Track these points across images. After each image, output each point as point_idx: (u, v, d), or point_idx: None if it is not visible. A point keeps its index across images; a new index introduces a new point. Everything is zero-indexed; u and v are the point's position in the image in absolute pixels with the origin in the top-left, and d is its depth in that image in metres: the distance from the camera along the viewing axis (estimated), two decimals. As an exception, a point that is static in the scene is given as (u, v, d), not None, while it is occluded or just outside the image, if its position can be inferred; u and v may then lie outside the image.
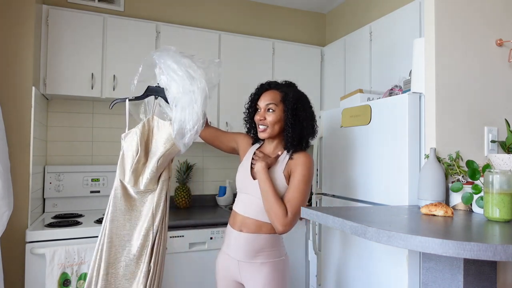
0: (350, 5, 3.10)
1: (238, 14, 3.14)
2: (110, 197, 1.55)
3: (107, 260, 1.51)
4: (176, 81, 1.49)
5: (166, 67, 1.51)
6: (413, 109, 1.59)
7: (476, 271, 1.33)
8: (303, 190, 1.47)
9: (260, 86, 1.61)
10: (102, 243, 1.52)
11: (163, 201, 1.55)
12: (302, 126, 1.52)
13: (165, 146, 1.51)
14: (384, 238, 1.02)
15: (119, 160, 1.54)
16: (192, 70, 1.50)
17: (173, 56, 1.51)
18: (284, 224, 1.43)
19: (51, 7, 2.33)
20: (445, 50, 1.57)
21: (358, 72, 2.65)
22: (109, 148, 2.75)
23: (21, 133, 2.01)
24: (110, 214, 1.53)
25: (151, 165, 1.51)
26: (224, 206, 2.89)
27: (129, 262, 1.51)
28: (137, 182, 1.53)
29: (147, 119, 1.57)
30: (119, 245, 1.53)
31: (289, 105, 1.51)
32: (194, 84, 1.48)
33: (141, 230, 1.52)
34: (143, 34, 2.54)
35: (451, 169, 1.50)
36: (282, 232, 1.45)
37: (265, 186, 1.46)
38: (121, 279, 1.51)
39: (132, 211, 1.53)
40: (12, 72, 2.00)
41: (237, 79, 2.73)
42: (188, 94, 1.48)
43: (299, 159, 1.51)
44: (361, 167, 1.86)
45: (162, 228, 1.56)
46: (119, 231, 1.53)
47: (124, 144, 1.55)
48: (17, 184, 1.96)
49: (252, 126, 1.64)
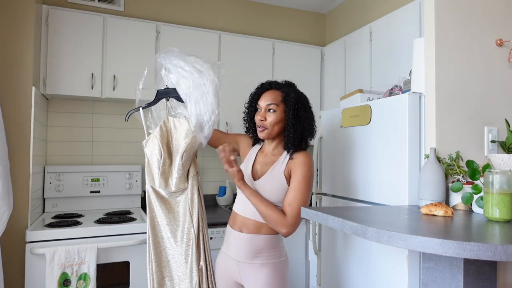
0: (350, 5, 3.10)
1: (238, 14, 3.14)
2: (146, 206, 1.56)
3: (160, 264, 1.52)
4: (186, 77, 1.49)
5: (173, 66, 1.51)
6: (413, 109, 1.59)
7: (476, 271, 1.33)
8: (304, 191, 1.47)
9: (261, 86, 1.61)
10: (150, 252, 1.52)
11: (197, 197, 1.55)
12: (303, 127, 1.52)
13: (185, 141, 1.52)
14: (384, 238, 1.02)
15: (146, 167, 1.55)
16: (199, 65, 1.51)
17: (178, 55, 1.51)
18: (286, 226, 1.42)
19: (51, 7, 2.33)
20: (445, 50, 1.57)
21: (358, 72, 2.65)
22: (109, 148, 2.75)
23: (21, 133, 2.01)
24: (149, 221, 1.53)
25: (176, 163, 1.52)
26: (224, 206, 2.89)
27: (179, 263, 1.52)
28: (167, 184, 1.53)
29: (163, 121, 1.56)
30: (166, 247, 1.54)
31: (290, 106, 1.51)
32: (203, 77, 1.49)
33: (184, 230, 1.52)
34: (143, 34, 2.54)
35: (451, 169, 1.50)
36: (286, 235, 1.45)
37: (253, 199, 1.46)
38: (177, 281, 1.51)
39: (169, 213, 1.54)
40: (12, 72, 2.00)
41: (237, 79, 2.73)
42: (199, 88, 1.48)
43: (299, 158, 1.51)
44: (361, 167, 1.86)
45: (203, 224, 1.56)
46: (162, 235, 1.54)
47: (147, 151, 1.55)
48: (17, 184, 1.96)
49: (252, 126, 1.64)
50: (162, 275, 1.52)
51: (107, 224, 2.11)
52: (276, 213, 1.43)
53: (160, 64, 1.55)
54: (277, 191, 1.50)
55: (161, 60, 1.53)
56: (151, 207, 1.54)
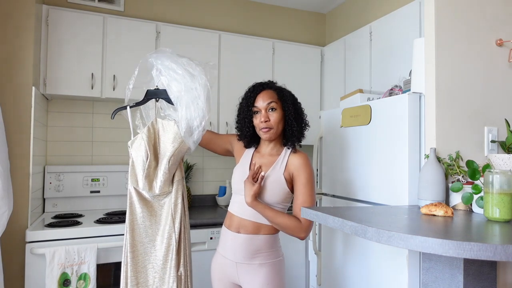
0: (350, 5, 3.10)
1: (238, 14, 3.14)
2: (127, 207, 1.52)
3: (135, 269, 1.48)
4: (177, 80, 1.47)
5: (164, 67, 1.49)
6: (413, 109, 1.59)
7: (476, 271, 1.33)
8: (311, 193, 1.50)
9: (253, 89, 1.58)
10: (126, 256, 1.48)
11: (181, 202, 1.53)
12: (301, 119, 1.57)
13: (173, 145, 1.49)
14: (384, 238, 1.02)
15: (129, 168, 1.51)
16: (191, 68, 1.48)
17: (170, 57, 1.49)
18: (303, 231, 1.46)
19: (51, 7, 2.33)
20: (445, 50, 1.57)
21: (358, 72, 2.65)
22: (109, 148, 2.75)
23: (21, 133, 2.01)
24: (129, 223, 1.49)
25: (162, 166, 1.49)
26: (224, 206, 2.89)
27: (157, 268, 1.48)
28: (151, 187, 1.50)
29: (151, 122, 1.54)
30: (144, 252, 1.50)
31: (289, 101, 1.54)
32: (195, 81, 1.46)
33: (164, 234, 1.50)
34: (143, 34, 2.54)
35: (451, 169, 1.50)
36: (304, 238, 1.49)
37: (268, 213, 1.46)
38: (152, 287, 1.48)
39: (152, 217, 1.51)
40: (12, 72, 2.00)
41: (237, 79, 2.73)
42: (190, 92, 1.46)
43: (299, 161, 1.51)
44: (361, 167, 1.86)
45: (184, 229, 1.53)
46: (141, 239, 1.50)
47: (132, 152, 1.51)
48: (17, 184, 1.96)
49: (249, 131, 1.59)
50: (136, 281, 1.47)
51: (107, 224, 2.11)
52: (292, 221, 1.45)
53: (152, 64, 1.52)
54: (277, 192, 1.50)
55: (153, 60, 1.50)
56: (132, 209, 1.50)
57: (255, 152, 1.63)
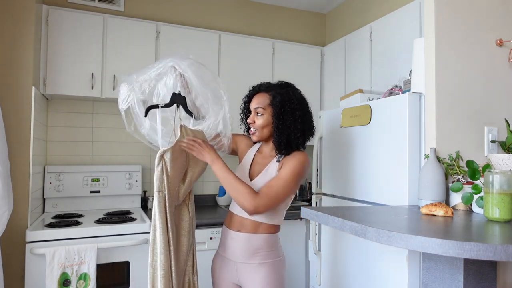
0: (350, 5, 3.10)
1: (238, 14, 3.14)
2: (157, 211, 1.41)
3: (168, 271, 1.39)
4: (201, 102, 1.54)
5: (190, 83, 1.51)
6: (413, 109, 1.59)
7: (476, 271, 1.33)
8: (288, 181, 1.42)
9: (252, 89, 1.62)
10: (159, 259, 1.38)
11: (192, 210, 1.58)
12: (289, 131, 1.47)
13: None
14: (384, 238, 1.02)
15: (158, 173, 1.41)
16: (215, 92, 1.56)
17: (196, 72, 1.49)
18: (254, 201, 1.37)
19: (51, 7, 2.33)
20: (445, 50, 1.57)
21: (358, 72, 2.65)
22: (109, 148, 2.75)
23: (21, 133, 2.01)
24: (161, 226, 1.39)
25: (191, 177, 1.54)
26: (224, 206, 2.89)
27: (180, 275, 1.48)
28: (178, 196, 1.50)
29: (183, 130, 1.50)
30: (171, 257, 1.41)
31: (275, 110, 1.49)
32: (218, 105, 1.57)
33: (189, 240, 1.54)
34: (143, 34, 2.54)
35: (451, 169, 1.50)
36: (251, 212, 1.39)
37: (224, 173, 1.43)
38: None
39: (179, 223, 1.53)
40: (12, 72, 2.00)
41: (237, 79, 2.73)
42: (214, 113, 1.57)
43: (294, 155, 1.49)
44: (361, 167, 1.86)
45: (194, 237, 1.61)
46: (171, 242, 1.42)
47: (166, 158, 1.42)
48: (17, 184, 1.96)
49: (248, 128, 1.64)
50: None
51: (107, 224, 2.11)
52: (248, 188, 1.40)
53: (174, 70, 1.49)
54: None
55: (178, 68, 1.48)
56: (162, 213, 1.40)
57: (257, 152, 1.63)
